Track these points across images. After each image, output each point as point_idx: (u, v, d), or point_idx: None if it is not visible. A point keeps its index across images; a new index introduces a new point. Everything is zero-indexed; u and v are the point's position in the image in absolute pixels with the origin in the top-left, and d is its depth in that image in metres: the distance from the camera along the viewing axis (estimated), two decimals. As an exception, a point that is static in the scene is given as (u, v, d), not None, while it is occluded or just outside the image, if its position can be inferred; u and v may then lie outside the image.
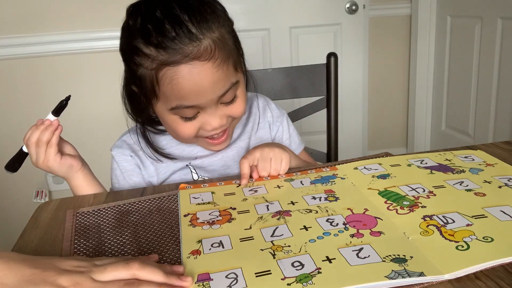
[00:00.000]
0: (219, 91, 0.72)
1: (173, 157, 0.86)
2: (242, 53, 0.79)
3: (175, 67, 0.68)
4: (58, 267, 0.46)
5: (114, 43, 1.81)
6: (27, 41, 1.78)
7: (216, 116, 0.75)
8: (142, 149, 0.86)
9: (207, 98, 0.72)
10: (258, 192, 0.72)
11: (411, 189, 0.68)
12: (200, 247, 0.56)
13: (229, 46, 0.72)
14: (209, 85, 0.70)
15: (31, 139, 0.77)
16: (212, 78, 0.70)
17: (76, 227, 0.65)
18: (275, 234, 0.58)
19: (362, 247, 0.53)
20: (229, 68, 0.72)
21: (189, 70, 0.68)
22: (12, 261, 0.46)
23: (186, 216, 0.65)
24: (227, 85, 0.73)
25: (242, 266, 0.51)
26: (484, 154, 0.82)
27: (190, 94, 0.70)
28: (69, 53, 1.82)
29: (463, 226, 0.57)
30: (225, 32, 0.72)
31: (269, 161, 0.79)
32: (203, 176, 0.86)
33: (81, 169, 0.82)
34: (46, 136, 0.77)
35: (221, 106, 0.76)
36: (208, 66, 0.69)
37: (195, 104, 0.72)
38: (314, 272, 0.49)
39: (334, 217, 0.61)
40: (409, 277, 0.47)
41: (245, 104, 0.79)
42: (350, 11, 2.38)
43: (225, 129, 0.79)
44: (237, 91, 0.76)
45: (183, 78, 0.68)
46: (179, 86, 0.69)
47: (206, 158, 0.87)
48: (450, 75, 2.49)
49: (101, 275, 0.46)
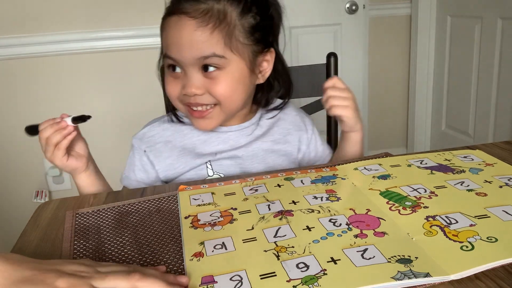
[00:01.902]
0: (195, 52, 0.76)
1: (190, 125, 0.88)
2: (265, 51, 0.83)
3: (170, 17, 0.78)
4: (59, 270, 0.46)
5: (114, 43, 1.82)
6: (26, 41, 1.78)
7: (193, 79, 0.78)
8: (162, 141, 0.88)
9: (183, 54, 0.76)
10: (258, 191, 0.71)
11: (412, 190, 0.68)
12: (203, 249, 0.55)
13: (228, 23, 0.76)
14: (187, 41, 0.75)
15: (43, 134, 0.77)
16: (190, 35, 0.75)
17: (75, 228, 0.65)
18: (278, 235, 0.57)
19: (366, 248, 0.53)
20: (213, 36, 0.75)
21: (176, 21, 0.76)
22: (17, 262, 0.46)
23: (187, 218, 0.64)
24: (207, 51, 0.76)
25: (247, 268, 0.51)
26: (483, 154, 0.82)
27: (172, 44, 0.77)
28: (69, 53, 1.82)
29: (466, 227, 0.56)
30: (231, 10, 0.76)
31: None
32: (219, 173, 0.86)
33: (85, 170, 0.83)
34: (57, 138, 0.77)
35: (201, 74, 0.78)
36: (192, 23, 0.75)
37: (175, 57, 0.78)
38: (320, 273, 0.48)
39: (337, 217, 0.61)
40: (415, 278, 0.47)
41: (229, 89, 0.79)
42: (350, 11, 2.38)
43: (203, 104, 0.80)
44: (224, 69, 0.78)
45: (169, 27, 0.77)
46: (166, 35, 0.78)
47: (225, 153, 0.87)
48: (450, 75, 2.48)
49: (100, 282, 0.46)
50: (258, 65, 0.83)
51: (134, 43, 1.79)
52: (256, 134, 0.90)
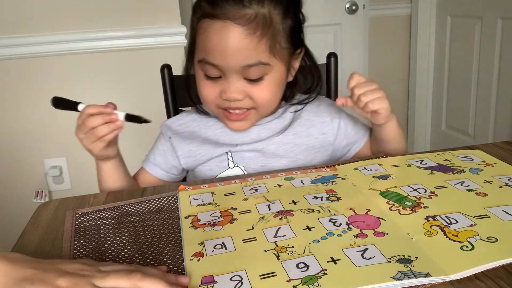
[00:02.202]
0: (242, 60, 0.73)
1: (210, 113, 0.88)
2: (298, 52, 0.82)
3: (211, 20, 0.73)
4: (60, 269, 0.46)
5: (114, 43, 1.82)
6: (26, 41, 1.78)
7: (234, 86, 0.76)
8: (188, 130, 0.89)
9: (228, 62, 0.74)
10: (258, 191, 0.71)
11: (412, 190, 0.68)
12: (203, 249, 0.55)
13: (273, 29, 0.74)
14: (233, 49, 0.72)
15: (90, 122, 0.73)
16: (238, 43, 0.72)
17: (75, 228, 0.65)
18: (278, 235, 0.57)
19: (366, 248, 0.53)
20: (261, 45, 0.73)
21: (221, 27, 0.72)
22: (18, 262, 0.46)
23: (187, 218, 0.64)
24: (253, 59, 0.74)
25: (247, 268, 0.51)
26: (483, 154, 0.82)
27: (214, 50, 0.73)
28: (69, 53, 1.82)
29: (466, 227, 0.56)
30: (275, 14, 0.74)
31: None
32: (239, 165, 0.87)
33: (114, 157, 0.82)
34: (104, 131, 0.73)
35: (243, 81, 0.76)
36: (238, 30, 0.72)
37: (217, 64, 0.74)
38: (320, 273, 0.48)
39: (337, 217, 0.61)
40: (415, 278, 0.47)
41: (270, 94, 0.79)
42: (350, 11, 2.38)
43: (242, 108, 0.79)
44: (266, 75, 0.77)
45: (213, 32, 0.73)
46: (208, 39, 0.74)
47: (246, 145, 0.87)
48: (450, 75, 2.49)
49: (101, 281, 0.46)
50: (292, 65, 0.83)
51: (134, 43, 1.79)
52: (278, 128, 0.89)
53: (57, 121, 1.81)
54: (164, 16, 1.77)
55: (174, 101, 1.13)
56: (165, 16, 1.77)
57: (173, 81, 1.12)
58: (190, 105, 0.95)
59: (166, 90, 1.12)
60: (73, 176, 1.88)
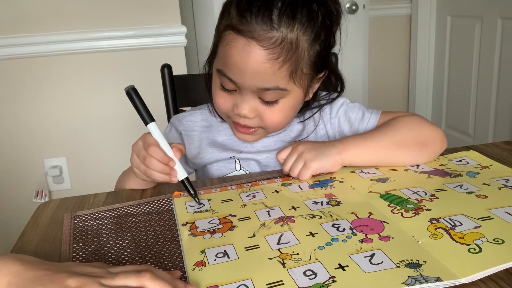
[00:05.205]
0: (259, 83, 0.72)
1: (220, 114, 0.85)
2: (320, 76, 0.79)
3: (236, 35, 0.70)
4: (70, 270, 0.46)
5: (114, 43, 1.81)
6: (26, 41, 1.77)
7: (247, 104, 0.75)
8: (198, 131, 0.89)
9: (245, 81, 0.72)
10: (256, 198, 0.70)
11: (412, 192, 0.67)
12: (205, 258, 0.54)
13: (298, 55, 0.71)
14: (252, 71, 0.70)
15: (149, 164, 0.69)
16: (258, 66, 0.70)
17: (74, 231, 0.64)
18: (281, 242, 0.56)
19: (373, 253, 0.52)
20: (282, 70, 0.71)
21: (244, 45, 0.70)
22: (30, 263, 0.46)
23: (184, 225, 0.63)
24: (270, 84, 0.72)
25: (252, 277, 0.49)
26: (478, 155, 0.81)
27: (233, 66, 0.72)
28: (69, 53, 1.82)
29: (471, 229, 0.56)
30: (303, 40, 0.71)
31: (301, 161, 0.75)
32: (245, 169, 0.87)
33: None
34: (157, 176, 0.70)
35: (258, 100, 0.75)
36: (261, 53, 0.69)
37: (234, 80, 0.73)
38: (329, 281, 0.47)
39: (340, 222, 0.60)
40: (426, 282, 0.46)
41: (281, 118, 0.78)
42: (350, 11, 2.38)
43: (250, 126, 0.78)
44: (282, 99, 0.75)
45: (235, 48, 0.71)
46: (229, 53, 0.72)
47: (251, 154, 0.87)
48: (450, 75, 2.48)
49: (110, 281, 0.46)
50: (311, 86, 0.81)
51: (134, 43, 1.79)
52: (284, 140, 0.88)
53: (57, 121, 1.80)
54: (164, 16, 1.77)
55: (174, 101, 1.13)
56: (165, 16, 1.77)
57: (173, 81, 1.12)
58: (190, 105, 0.94)
59: (166, 90, 1.12)
60: (73, 176, 1.88)
